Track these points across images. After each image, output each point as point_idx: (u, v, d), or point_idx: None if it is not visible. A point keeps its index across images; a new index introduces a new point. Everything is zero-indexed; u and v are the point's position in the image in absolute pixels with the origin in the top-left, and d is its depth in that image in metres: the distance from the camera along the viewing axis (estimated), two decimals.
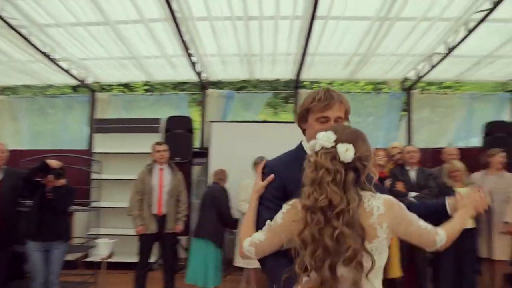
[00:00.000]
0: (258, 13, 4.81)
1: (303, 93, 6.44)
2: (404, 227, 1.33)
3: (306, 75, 6.50)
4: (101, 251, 4.53)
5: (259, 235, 1.43)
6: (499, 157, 4.58)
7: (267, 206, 1.51)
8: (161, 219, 4.20)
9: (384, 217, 1.27)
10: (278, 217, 1.38)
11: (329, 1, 4.54)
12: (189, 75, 6.34)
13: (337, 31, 5.19)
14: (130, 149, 5.58)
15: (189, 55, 5.52)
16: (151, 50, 5.58)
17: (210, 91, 6.68)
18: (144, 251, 4.20)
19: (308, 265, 1.24)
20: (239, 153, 5.15)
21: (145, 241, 4.17)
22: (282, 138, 4.86)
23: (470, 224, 4.28)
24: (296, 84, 6.69)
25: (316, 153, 1.30)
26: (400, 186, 4.36)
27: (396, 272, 4.13)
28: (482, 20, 4.73)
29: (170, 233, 4.26)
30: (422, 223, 1.36)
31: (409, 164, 4.54)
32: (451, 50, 5.45)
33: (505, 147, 5.71)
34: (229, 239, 5.09)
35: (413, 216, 1.36)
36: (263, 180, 1.56)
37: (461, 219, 1.49)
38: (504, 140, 5.84)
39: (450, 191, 4.34)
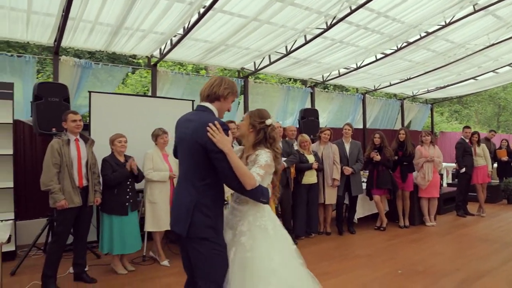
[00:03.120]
0: None
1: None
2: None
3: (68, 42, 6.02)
4: None
5: (259, 170, 2.25)
6: (325, 133, 6.51)
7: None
8: (82, 192, 4.02)
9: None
10: (269, 157, 2.32)
11: None
12: None
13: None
14: None
15: None
16: None
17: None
18: (66, 227, 3.92)
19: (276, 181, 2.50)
20: (120, 125, 5.23)
21: (68, 216, 3.89)
22: (153, 112, 5.41)
23: (314, 180, 6.08)
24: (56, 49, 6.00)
25: (268, 125, 2.42)
26: None
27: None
28: (209, 8, 5.43)
29: (90, 206, 4.13)
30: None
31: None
32: (187, 32, 6.01)
33: (314, 127, 7.96)
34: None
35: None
36: (228, 136, 2.22)
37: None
38: (312, 122, 8.08)
39: (303, 156, 6.01)
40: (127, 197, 4.46)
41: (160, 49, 6.84)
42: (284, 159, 5.63)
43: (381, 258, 5.00)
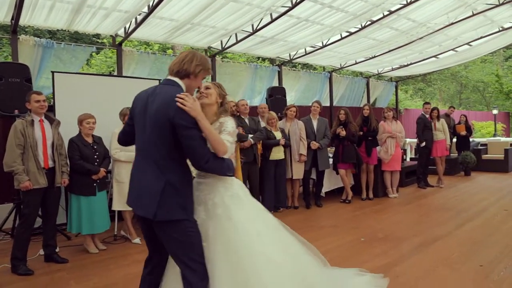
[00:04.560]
0: None
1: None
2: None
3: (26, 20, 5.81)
4: None
5: (228, 137, 2.24)
6: (291, 110, 6.65)
7: None
8: (48, 173, 3.99)
9: None
10: (234, 124, 2.35)
11: None
12: None
13: None
14: None
15: None
16: None
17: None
18: (33, 208, 3.89)
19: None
20: (85, 105, 5.16)
21: (34, 197, 3.86)
22: (119, 91, 5.37)
23: (281, 156, 6.25)
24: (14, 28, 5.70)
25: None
26: (240, 130, 5.71)
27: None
28: None
29: (57, 187, 4.11)
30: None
31: (244, 114, 5.99)
32: (152, 10, 5.90)
33: (281, 105, 8.09)
34: None
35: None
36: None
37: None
38: (280, 100, 8.21)
39: (270, 133, 6.16)
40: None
41: (125, 28, 6.70)
42: (250, 135, 5.76)
43: (345, 227, 5.27)
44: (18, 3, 5.12)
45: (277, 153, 6.15)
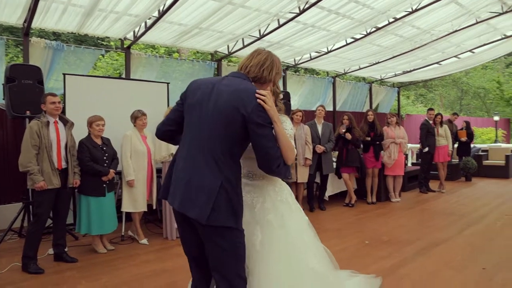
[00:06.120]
0: None
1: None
2: None
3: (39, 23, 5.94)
4: None
5: (292, 142, 2.02)
6: (297, 115, 6.73)
7: None
8: (61, 174, 4.08)
9: None
10: (292, 126, 2.16)
11: None
12: None
13: None
14: None
15: None
16: None
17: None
18: (46, 208, 3.98)
19: None
20: (95, 107, 5.25)
21: (47, 197, 3.94)
22: (128, 94, 5.49)
23: None
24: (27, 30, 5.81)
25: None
26: None
27: None
28: None
29: (69, 187, 4.20)
30: None
31: None
32: (162, 15, 6.01)
33: (286, 109, 8.14)
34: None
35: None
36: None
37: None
38: (285, 104, 8.27)
39: None
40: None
41: (134, 32, 6.82)
42: None
43: (350, 231, 5.35)
44: (32, 6, 5.22)
45: None
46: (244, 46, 7.90)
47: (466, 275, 3.64)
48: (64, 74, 5.35)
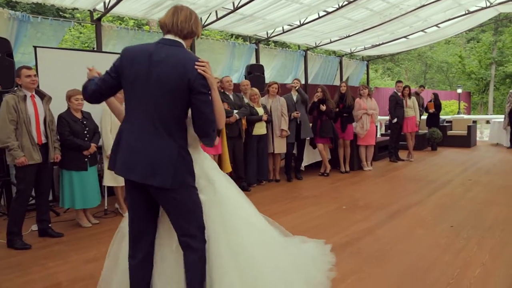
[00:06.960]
0: None
1: None
2: None
3: None
4: None
5: None
6: (273, 87, 6.83)
7: None
8: (42, 149, 4.01)
9: None
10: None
11: None
12: None
13: None
14: None
15: None
16: None
17: None
18: (28, 184, 3.92)
19: None
20: (70, 81, 5.11)
21: (29, 173, 3.88)
22: (103, 67, 5.33)
23: (264, 132, 6.46)
24: None
25: None
26: (226, 105, 5.83)
27: (228, 168, 5.77)
28: None
29: (51, 162, 4.14)
30: None
31: (228, 90, 6.12)
32: None
33: (260, 82, 8.25)
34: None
35: None
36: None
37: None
38: (259, 77, 8.35)
39: (253, 109, 6.33)
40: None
41: (104, 3, 6.59)
42: (236, 111, 5.92)
43: (327, 198, 5.61)
44: None
45: (260, 129, 6.35)
46: (218, 19, 7.84)
47: (436, 233, 3.96)
48: (35, 47, 5.16)
